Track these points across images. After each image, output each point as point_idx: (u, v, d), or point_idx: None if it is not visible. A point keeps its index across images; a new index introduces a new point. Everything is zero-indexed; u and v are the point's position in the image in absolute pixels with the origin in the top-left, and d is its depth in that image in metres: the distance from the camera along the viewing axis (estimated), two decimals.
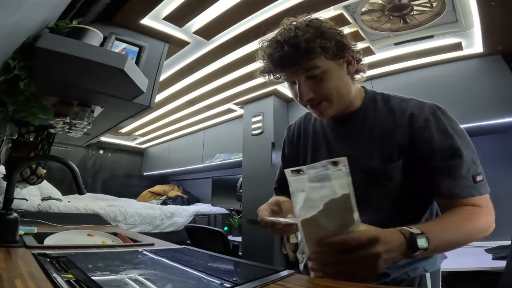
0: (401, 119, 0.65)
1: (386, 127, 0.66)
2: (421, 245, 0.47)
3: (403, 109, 0.66)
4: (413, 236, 0.47)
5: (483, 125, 1.68)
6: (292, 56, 0.61)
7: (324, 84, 0.63)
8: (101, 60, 0.92)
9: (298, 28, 0.62)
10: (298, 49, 0.60)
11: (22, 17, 0.67)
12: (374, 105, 0.70)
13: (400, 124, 0.65)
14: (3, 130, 1.21)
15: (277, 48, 0.63)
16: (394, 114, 0.66)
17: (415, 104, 0.66)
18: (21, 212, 1.57)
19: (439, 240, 0.51)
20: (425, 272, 0.66)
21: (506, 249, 1.31)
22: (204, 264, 0.86)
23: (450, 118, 0.65)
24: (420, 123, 0.62)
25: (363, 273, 0.44)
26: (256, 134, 2.60)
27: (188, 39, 1.66)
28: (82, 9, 1.13)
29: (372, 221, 0.60)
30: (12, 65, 0.83)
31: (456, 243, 0.56)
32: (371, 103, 0.71)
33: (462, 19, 1.46)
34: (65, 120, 1.21)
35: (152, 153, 4.85)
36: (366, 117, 0.69)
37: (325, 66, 0.62)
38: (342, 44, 0.64)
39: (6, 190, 0.92)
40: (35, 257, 0.71)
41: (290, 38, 0.61)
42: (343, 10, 1.44)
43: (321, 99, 0.65)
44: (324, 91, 0.64)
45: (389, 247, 0.45)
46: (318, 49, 0.60)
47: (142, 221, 2.77)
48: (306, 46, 0.60)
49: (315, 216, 0.45)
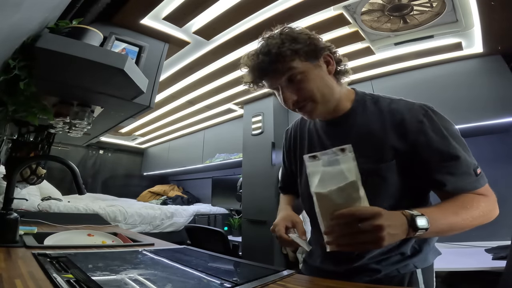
0: (392, 121, 0.66)
1: (377, 128, 0.67)
2: (422, 225, 0.51)
3: (393, 111, 0.67)
4: (414, 216, 0.52)
5: (483, 125, 1.68)
6: (267, 62, 0.65)
7: (304, 84, 0.66)
8: (101, 60, 0.92)
9: (271, 37, 0.67)
10: (271, 55, 0.65)
11: (22, 17, 0.67)
12: (363, 106, 0.72)
13: (392, 125, 0.66)
14: (3, 130, 1.21)
15: (254, 59, 0.67)
16: (384, 115, 0.68)
17: (405, 105, 0.67)
18: (21, 212, 1.58)
19: (439, 222, 0.54)
20: (416, 269, 0.68)
21: (506, 249, 1.31)
22: (204, 264, 0.86)
23: (442, 117, 0.66)
24: (414, 126, 0.64)
25: (370, 243, 0.49)
26: (256, 134, 2.60)
27: (188, 39, 1.66)
28: (82, 9, 1.13)
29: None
30: (12, 65, 0.83)
31: (456, 226, 0.58)
32: (360, 104, 0.72)
33: (462, 19, 1.46)
34: (65, 120, 1.21)
35: (152, 153, 4.85)
36: (356, 118, 0.71)
37: (301, 67, 0.65)
38: (314, 45, 0.67)
39: (6, 190, 0.92)
40: (35, 257, 0.71)
41: (263, 47, 0.66)
42: (343, 10, 1.43)
43: (305, 100, 0.67)
44: (306, 91, 0.66)
45: (392, 223, 0.50)
46: (289, 52, 0.64)
47: (142, 221, 2.77)
48: (277, 51, 0.64)
49: (329, 192, 0.52)
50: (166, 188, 4.27)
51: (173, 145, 4.29)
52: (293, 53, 0.64)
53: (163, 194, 4.11)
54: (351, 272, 0.69)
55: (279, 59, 0.65)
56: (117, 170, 4.76)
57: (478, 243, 1.66)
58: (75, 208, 2.40)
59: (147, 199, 4.07)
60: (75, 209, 2.39)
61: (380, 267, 0.67)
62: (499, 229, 1.59)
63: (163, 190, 4.20)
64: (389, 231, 0.48)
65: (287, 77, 0.66)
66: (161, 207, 3.19)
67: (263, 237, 2.30)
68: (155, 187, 4.33)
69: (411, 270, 0.67)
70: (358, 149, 0.65)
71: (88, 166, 4.42)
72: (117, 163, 4.77)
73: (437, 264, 0.74)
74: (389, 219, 0.50)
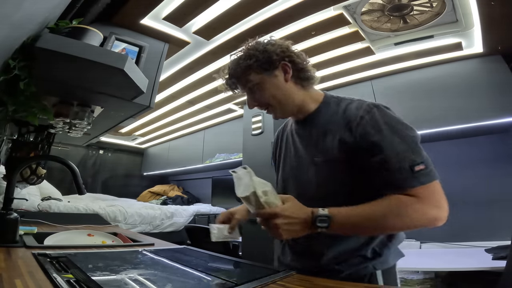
0: (344, 118, 0.72)
1: (332, 125, 0.73)
2: (321, 224, 0.61)
3: (347, 109, 0.73)
4: (316, 216, 0.61)
5: (483, 125, 1.68)
6: (230, 77, 0.80)
7: (261, 93, 0.76)
8: (101, 60, 0.92)
9: (233, 55, 0.80)
10: (231, 71, 0.79)
11: (22, 17, 0.67)
12: (327, 107, 0.78)
13: (344, 122, 0.71)
14: (3, 130, 1.21)
15: (223, 74, 0.82)
16: (340, 113, 0.74)
17: (358, 104, 0.72)
18: (21, 212, 1.57)
19: (343, 222, 0.62)
20: (375, 270, 0.71)
21: (506, 249, 1.31)
22: (204, 264, 0.86)
23: (387, 114, 0.69)
24: (357, 121, 0.69)
25: (275, 235, 0.63)
26: (256, 134, 2.60)
27: (188, 39, 1.66)
28: (82, 9, 1.13)
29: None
30: (12, 65, 0.83)
31: (363, 227, 0.64)
32: (325, 105, 0.79)
33: (462, 19, 1.46)
34: (65, 120, 1.21)
35: (152, 153, 4.85)
36: (320, 117, 0.78)
37: (256, 79, 0.75)
38: (268, 58, 0.74)
39: (6, 190, 0.92)
40: (35, 257, 0.71)
41: (230, 63, 0.80)
42: (343, 10, 1.43)
43: (264, 105, 0.78)
44: (262, 99, 0.77)
45: (290, 221, 0.62)
46: (244, 68, 0.76)
47: (142, 221, 2.77)
48: (235, 68, 0.78)
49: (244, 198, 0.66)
50: (166, 188, 4.27)
51: (173, 145, 4.29)
52: (247, 68, 0.75)
53: (163, 194, 4.11)
54: (318, 271, 0.71)
55: (237, 74, 0.77)
56: (117, 170, 4.76)
57: (478, 243, 1.66)
58: (75, 208, 2.40)
59: (147, 199, 4.07)
60: (75, 209, 2.39)
61: (341, 268, 0.71)
62: (499, 229, 1.60)
63: (163, 190, 4.20)
64: (286, 227, 0.61)
65: (247, 88, 0.77)
66: (161, 207, 3.19)
67: (263, 237, 2.30)
68: (155, 187, 4.33)
69: (371, 271, 0.70)
70: (317, 145, 0.75)
71: (88, 166, 4.42)
72: (117, 163, 4.77)
73: (437, 264, 0.75)
74: (287, 218, 0.61)
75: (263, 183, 0.67)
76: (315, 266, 0.73)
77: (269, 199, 0.65)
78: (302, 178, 0.78)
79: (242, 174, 0.69)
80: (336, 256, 0.72)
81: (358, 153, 0.67)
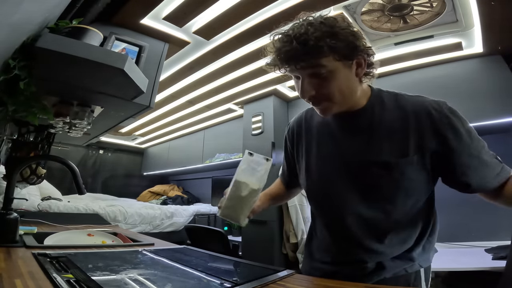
0: (416, 116, 0.64)
1: (397, 123, 0.66)
2: None
3: (415, 106, 0.66)
4: None
5: (483, 125, 1.68)
6: (299, 52, 0.60)
7: (328, 84, 0.63)
8: (101, 60, 0.92)
9: (310, 25, 0.60)
10: (306, 46, 0.59)
11: (21, 17, 0.67)
12: (381, 102, 0.70)
13: (415, 120, 0.64)
14: (3, 130, 1.21)
15: (286, 43, 0.61)
16: (404, 110, 0.66)
17: (429, 101, 0.65)
18: (21, 212, 1.57)
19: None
20: (420, 268, 0.70)
21: (506, 249, 1.31)
22: (204, 264, 0.86)
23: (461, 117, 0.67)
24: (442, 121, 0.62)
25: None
26: (256, 134, 2.60)
27: (188, 39, 1.66)
28: (82, 9, 1.13)
29: (383, 212, 0.66)
30: (12, 65, 0.83)
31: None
32: (378, 100, 0.71)
33: (462, 19, 1.45)
34: (65, 120, 1.20)
35: (152, 153, 4.85)
36: (374, 113, 0.69)
37: (331, 66, 0.61)
38: (354, 46, 0.62)
39: (6, 190, 0.92)
40: (35, 257, 0.71)
41: (301, 34, 0.59)
42: (343, 10, 1.43)
43: (322, 98, 0.65)
44: (326, 91, 0.64)
45: None
46: (326, 49, 0.59)
47: (142, 221, 2.77)
48: (314, 44, 0.58)
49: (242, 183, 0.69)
50: (166, 188, 4.27)
51: (173, 145, 4.29)
52: (330, 50, 0.59)
53: (163, 194, 4.11)
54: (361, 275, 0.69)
55: (314, 52, 0.59)
56: (117, 170, 4.76)
57: (478, 243, 1.66)
58: (75, 208, 2.40)
59: (147, 199, 4.06)
60: (75, 209, 2.39)
61: (388, 266, 0.68)
62: (499, 229, 1.60)
63: (163, 190, 4.20)
64: None
65: (313, 72, 0.62)
66: (161, 207, 3.19)
67: (263, 237, 2.30)
68: (155, 187, 4.33)
69: (416, 269, 0.69)
70: (376, 142, 0.67)
71: (88, 166, 4.42)
72: (117, 163, 4.77)
73: (437, 264, 0.75)
74: None
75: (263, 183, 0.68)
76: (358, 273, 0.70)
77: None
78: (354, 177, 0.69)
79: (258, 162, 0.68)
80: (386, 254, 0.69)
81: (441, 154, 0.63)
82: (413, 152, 0.63)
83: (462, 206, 1.70)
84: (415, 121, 0.64)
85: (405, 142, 0.64)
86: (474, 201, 1.84)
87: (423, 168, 0.64)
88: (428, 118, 0.63)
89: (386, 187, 0.66)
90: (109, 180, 4.62)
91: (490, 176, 0.63)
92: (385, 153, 0.65)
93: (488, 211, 1.66)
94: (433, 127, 0.62)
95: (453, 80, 1.82)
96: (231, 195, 0.70)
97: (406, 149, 0.64)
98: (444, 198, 0.78)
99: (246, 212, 0.70)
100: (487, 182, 0.63)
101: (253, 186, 0.67)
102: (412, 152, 0.63)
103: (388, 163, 0.64)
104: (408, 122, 0.65)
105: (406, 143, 0.64)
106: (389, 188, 0.66)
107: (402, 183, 0.65)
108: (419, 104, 0.65)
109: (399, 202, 0.66)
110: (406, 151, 0.64)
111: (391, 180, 0.65)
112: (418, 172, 0.64)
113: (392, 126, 0.66)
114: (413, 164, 0.64)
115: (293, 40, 0.60)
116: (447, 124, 0.62)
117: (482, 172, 0.63)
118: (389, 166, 0.64)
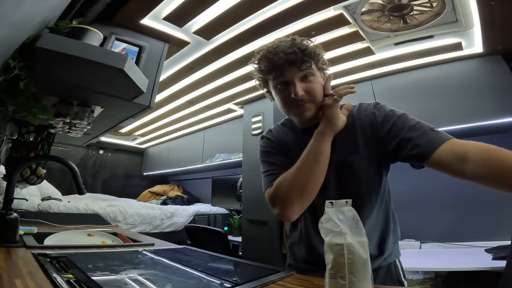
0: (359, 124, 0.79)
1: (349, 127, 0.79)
2: None
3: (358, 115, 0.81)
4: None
5: (483, 125, 1.68)
6: (300, 54, 0.74)
7: (313, 86, 0.77)
8: (101, 60, 0.92)
9: (295, 40, 0.78)
10: (306, 51, 0.75)
11: (22, 17, 0.67)
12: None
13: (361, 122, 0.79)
14: (3, 130, 1.21)
15: (279, 54, 0.75)
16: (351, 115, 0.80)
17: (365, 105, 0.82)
18: (21, 212, 1.58)
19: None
20: (396, 258, 0.82)
21: (506, 249, 1.31)
22: (204, 264, 0.86)
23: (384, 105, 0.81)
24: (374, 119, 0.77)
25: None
26: (256, 134, 2.60)
27: (188, 39, 1.66)
28: (82, 9, 1.13)
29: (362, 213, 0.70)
30: (12, 65, 0.83)
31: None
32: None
33: (462, 19, 1.46)
34: (65, 120, 1.21)
35: (152, 153, 4.85)
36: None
37: (315, 72, 0.78)
38: (325, 62, 0.83)
39: (6, 190, 0.92)
40: (35, 257, 0.71)
41: (297, 43, 0.76)
42: (343, 10, 1.43)
43: (308, 97, 0.77)
44: (313, 93, 0.77)
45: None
46: (314, 56, 0.77)
47: (142, 221, 2.77)
48: (311, 51, 0.76)
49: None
50: (166, 188, 4.27)
51: (173, 145, 4.29)
52: (316, 57, 0.78)
53: (163, 194, 4.11)
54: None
55: (309, 56, 0.76)
56: (117, 170, 4.75)
57: (478, 243, 1.66)
58: (75, 208, 2.40)
59: (147, 199, 4.06)
60: (75, 209, 2.39)
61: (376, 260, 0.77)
62: (499, 229, 1.60)
63: (163, 190, 4.20)
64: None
65: (304, 74, 0.76)
66: (161, 207, 3.19)
67: (263, 237, 2.30)
68: (155, 187, 4.33)
69: (394, 259, 0.81)
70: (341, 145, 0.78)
71: (88, 166, 4.42)
72: (117, 163, 4.77)
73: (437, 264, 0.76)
74: None
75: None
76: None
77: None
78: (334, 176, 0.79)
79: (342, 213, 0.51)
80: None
81: (386, 143, 0.73)
82: (362, 148, 0.76)
83: (462, 206, 1.71)
84: (359, 123, 0.79)
85: (357, 140, 0.77)
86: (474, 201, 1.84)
87: (374, 161, 0.76)
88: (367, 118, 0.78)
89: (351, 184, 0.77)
90: (109, 180, 4.62)
91: (436, 137, 0.67)
92: (345, 153, 0.78)
93: (488, 211, 1.67)
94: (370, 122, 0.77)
95: (453, 80, 1.82)
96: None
97: (357, 146, 0.77)
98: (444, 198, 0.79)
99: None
100: (433, 143, 0.67)
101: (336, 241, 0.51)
102: (362, 148, 0.76)
103: (345, 161, 0.77)
104: (354, 125, 0.79)
105: (356, 141, 0.77)
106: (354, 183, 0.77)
107: (362, 177, 0.76)
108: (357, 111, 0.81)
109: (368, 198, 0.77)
110: (357, 148, 0.77)
111: (353, 176, 0.77)
112: (371, 165, 0.76)
113: (346, 130, 0.78)
114: (366, 157, 0.76)
115: (294, 46, 0.75)
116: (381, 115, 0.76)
117: (425, 136, 0.68)
118: (347, 163, 0.77)
